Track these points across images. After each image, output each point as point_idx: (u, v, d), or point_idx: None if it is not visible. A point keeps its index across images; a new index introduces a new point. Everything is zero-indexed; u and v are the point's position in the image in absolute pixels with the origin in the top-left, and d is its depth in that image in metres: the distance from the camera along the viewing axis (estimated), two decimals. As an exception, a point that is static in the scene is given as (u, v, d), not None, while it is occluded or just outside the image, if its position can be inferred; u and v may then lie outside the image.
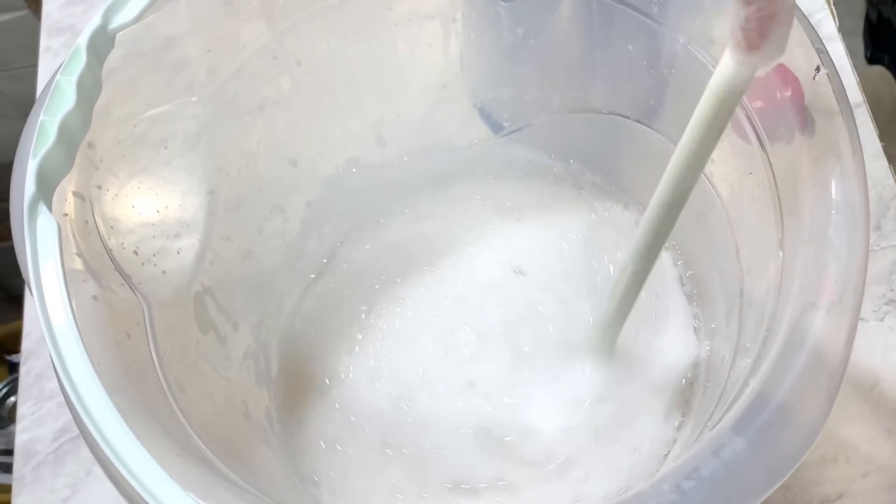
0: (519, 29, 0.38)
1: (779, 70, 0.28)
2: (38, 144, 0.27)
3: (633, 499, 0.22)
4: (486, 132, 0.43)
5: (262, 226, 0.41)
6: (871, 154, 0.44)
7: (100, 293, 0.27)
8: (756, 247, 0.31)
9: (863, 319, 0.41)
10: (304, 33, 0.37)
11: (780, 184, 0.28)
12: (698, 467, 0.22)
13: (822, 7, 0.49)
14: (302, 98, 0.39)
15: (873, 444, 0.38)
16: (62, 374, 0.24)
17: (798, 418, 0.22)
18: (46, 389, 0.44)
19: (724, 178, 0.34)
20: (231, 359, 0.38)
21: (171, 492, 0.23)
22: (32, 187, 0.27)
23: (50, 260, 0.26)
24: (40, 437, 0.43)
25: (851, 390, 0.39)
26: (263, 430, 0.38)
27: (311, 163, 0.42)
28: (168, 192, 0.34)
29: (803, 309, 0.24)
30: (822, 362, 0.23)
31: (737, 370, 0.30)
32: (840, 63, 0.46)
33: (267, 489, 0.29)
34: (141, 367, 0.28)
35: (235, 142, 0.38)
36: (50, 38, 0.55)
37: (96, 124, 0.29)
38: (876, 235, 0.43)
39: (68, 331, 0.25)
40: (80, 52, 0.29)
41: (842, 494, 0.37)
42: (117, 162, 0.31)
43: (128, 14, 0.30)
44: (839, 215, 0.25)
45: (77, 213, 0.28)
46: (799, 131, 0.27)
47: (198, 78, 0.34)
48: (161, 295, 0.32)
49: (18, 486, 0.41)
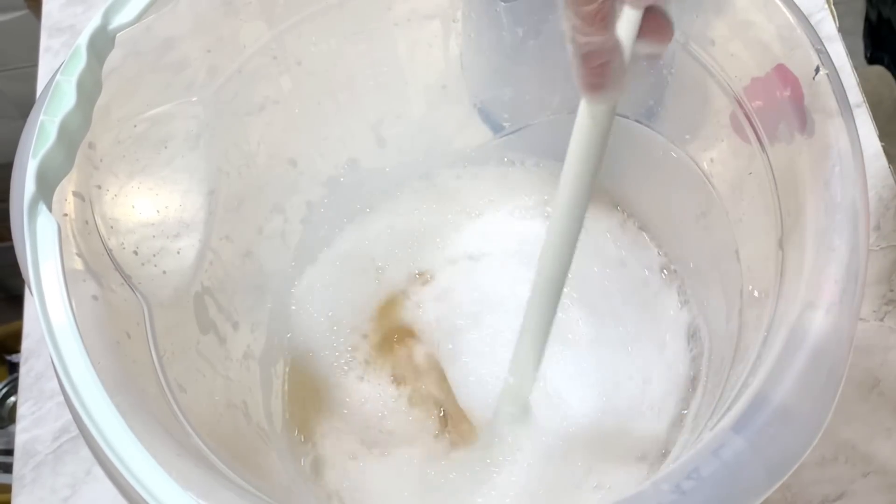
0: (519, 29, 0.38)
1: (779, 70, 0.28)
2: (38, 144, 0.27)
3: (633, 498, 0.22)
4: (486, 132, 0.43)
5: (262, 226, 0.41)
6: (871, 154, 0.44)
7: (100, 293, 0.27)
8: (756, 247, 0.31)
9: (863, 319, 0.41)
10: (304, 33, 0.37)
11: (780, 184, 0.28)
12: (698, 467, 0.22)
13: (822, 7, 0.49)
14: (302, 98, 0.39)
15: (873, 444, 0.38)
16: (62, 374, 0.24)
17: (798, 418, 0.22)
18: (46, 389, 0.44)
19: (724, 178, 0.34)
20: (231, 359, 0.38)
21: (171, 491, 0.23)
22: (32, 187, 0.27)
23: (50, 260, 0.26)
24: (40, 437, 0.43)
25: (851, 390, 0.39)
26: (263, 430, 0.38)
27: (311, 163, 0.42)
28: (168, 192, 0.34)
29: (803, 309, 0.24)
30: (822, 362, 0.23)
31: (737, 370, 0.30)
32: (840, 63, 0.46)
33: (267, 489, 0.29)
34: (141, 367, 0.28)
35: (235, 142, 0.38)
36: (50, 38, 0.55)
37: (96, 124, 0.29)
38: (876, 235, 0.43)
39: (68, 331, 0.25)
40: (80, 52, 0.29)
41: (842, 494, 0.37)
42: (117, 162, 0.31)
43: (128, 14, 0.30)
44: (839, 215, 0.25)
45: (77, 213, 0.28)
46: (799, 131, 0.27)
47: (198, 78, 0.34)
48: (161, 295, 0.32)
49: (18, 486, 0.41)
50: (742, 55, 0.30)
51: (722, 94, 0.31)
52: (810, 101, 0.27)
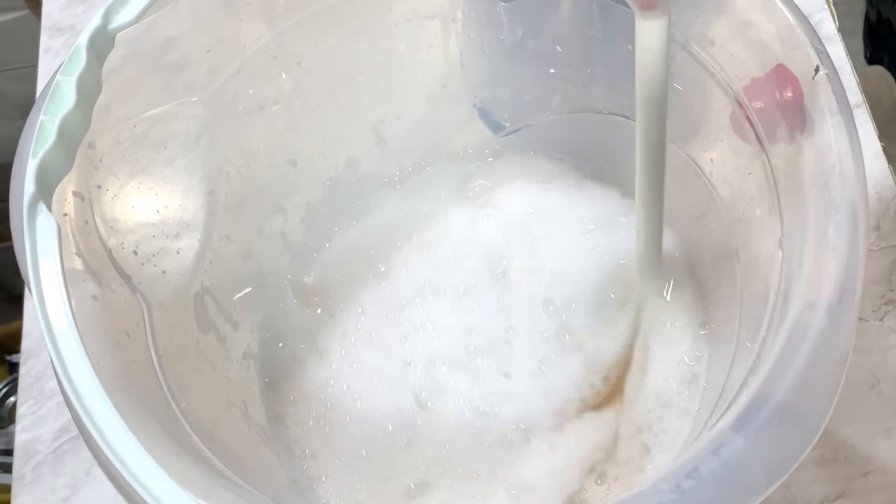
0: (519, 29, 0.38)
1: (779, 70, 0.28)
2: (38, 144, 0.27)
3: (633, 498, 0.22)
4: (486, 132, 0.43)
5: (262, 226, 0.41)
6: (871, 154, 0.44)
7: (99, 293, 0.27)
8: (756, 247, 0.31)
9: (863, 319, 0.41)
10: (304, 33, 0.37)
11: (780, 184, 0.28)
12: (698, 466, 0.22)
13: (821, 7, 0.49)
14: (302, 98, 0.39)
15: (873, 444, 0.38)
16: (62, 374, 0.24)
17: (798, 418, 0.22)
18: (46, 389, 0.44)
19: (724, 178, 0.34)
20: (231, 359, 0.38)
21: (171, 492, 0.23)
22: (32, 187, 0.27)
23: (49, 260, 0.26)
24: (40, 437, 0.43)
25: (851, 390, 0.39)
26: (263, 430, 0.38)
27: (311, 163, 0.42)
28: (168, 192, 0.34)
29: (803, 309, 0.24)
30: (821, 362, 0.23)
31: (737, 370, 0.30)
32: (840, 63, 0.46)
33: (267, 489, 0.29)
34: (141, 367, 0.28)
35: (235, 142, 0.38)
36: (50, 38, 0.55)
37: (96, 124, 0.29)
38: (876, 235, 0.43)
39: (68, 331, 0.25)
40: (80, 52, 0.29)
41: (842, 494, 0.37)
42: (117, 162, 0.31)
43: (128, 14, 0.30)
44: (839, 215, 0.25)
45: (77, 213, 0.28)
46: (799, 131, 0.27)
47: (198, 78, 0.34)
48: (161, 295, 0.32)
49: (18, 486, 0.41)
50: (742, 55, 0.30)
51: (722, 94, 0.31)
52: (810, 101, 0.27)
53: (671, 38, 0.29)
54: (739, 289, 0.32)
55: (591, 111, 0.40)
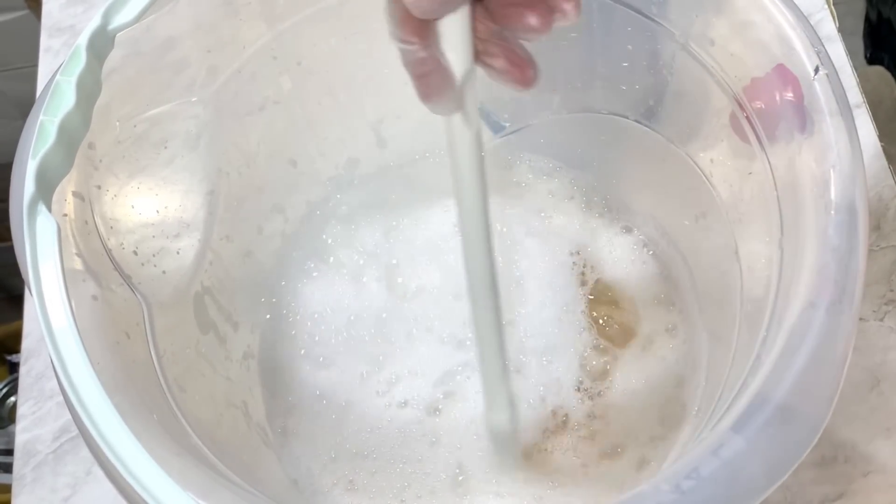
0: (519, 29, 0.38)
1: (779, 70, 0.28)
2: (38, 144, 0.27)
3: (633, 498, 0.22)
4: (486, 132, 0.43)
5: (262, 226, 0.41)
6: (871, 154, 0.44)
7: (99, 293, 0.27)
8: (756, 247, 0.31)
9: (863, 319, 0.41)
10: (304, 33, 0.37)
11: (779, 184, 0.28)
12: (698, 467, 0.22)
13: (821, 7, 0.49)
14: (302, 98, 0.39)
15: (873, 444, 0.38)
16: (61, 374, 0.24)
17: (798, 418, 0.22)
18: (46, 389, 0.44)
19: (724, 178, 0.34)
20: (231, 359, 0.38)
21: (171, 492, 0.23)
22: (32, 187, 0.27)
23: (49, 260, 0.26)
24: (40, 437, 0.43)
25: (851, 390, 0.39)
26: (263, 430, 0.38)
27: (311, 163, 0.42)
28: (168, 192, 0.34)
29: (803, 309, 0.24)
30: (821, 362, 0.23)
31: (736, 370, 0.30)
32: (840, 63, 0.46)
33: (267, 489, 0.29)
34: (141, 367, 0.28)
35: (235, 142, 0.38)
36: (50, 38, 0.55)
37: (96, 124, 0.29)
38: (876, 235, 0.43)
39: (68, 331, 0.25)
40: (80, 52, 0.29)
41: (842, 494, 0.37)
42: (117, 162, 0.31)
43: (128, 14, 0.30)
44: (839, 215, 0.25)
45: (77, 213, 0.28)
46: (799, 131, 0.27)
47: (198, 78, 0.34)
48: (161, 295, 0.32)
49: (18, 486, 0.41)
50: (742, 55, 0.30)
51: (722, 94, 0.31)
52: (810, 101, 0.27)
53: (478, 144, 0.27)
54: (739, 289, 0.32)
55: (591, 111, 0.40)
